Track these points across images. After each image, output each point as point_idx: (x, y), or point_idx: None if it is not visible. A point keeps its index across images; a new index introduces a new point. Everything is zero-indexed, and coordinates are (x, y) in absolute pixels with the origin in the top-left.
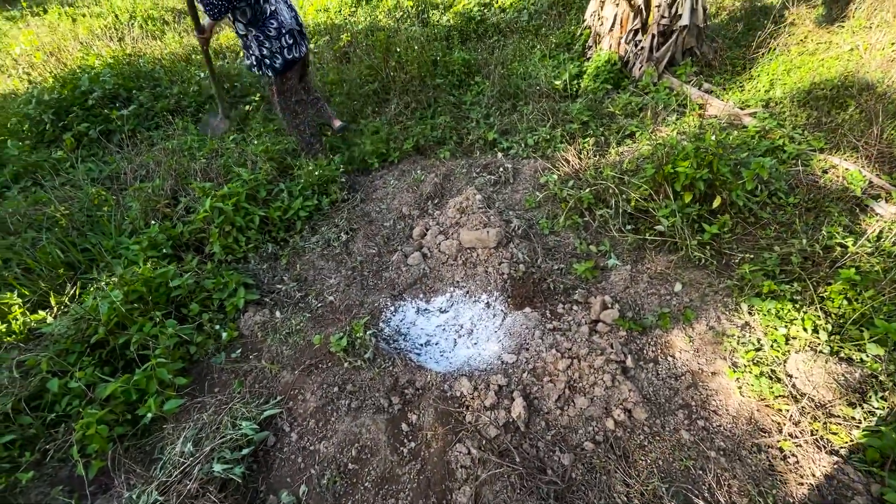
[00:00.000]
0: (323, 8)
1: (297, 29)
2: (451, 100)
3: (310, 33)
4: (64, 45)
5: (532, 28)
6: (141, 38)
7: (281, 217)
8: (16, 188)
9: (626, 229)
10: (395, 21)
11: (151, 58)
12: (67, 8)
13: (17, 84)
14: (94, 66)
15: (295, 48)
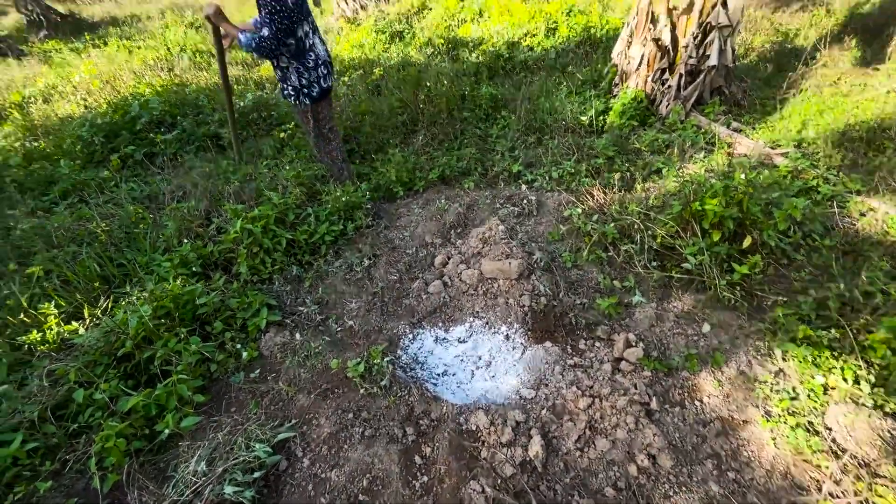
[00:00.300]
0: (358, 44)
1: (328, 61)
2: (477, 132)
3: (345, 67)
4: (119, 74)
5: (559, 66)
6: (189, 69)
7: (307, 240)
8: (64, 204)
9: (652, 266)
10: (426, 57)
11: (197, 87)
12: (125, 41)
13: (74, 109)
14: (144, 93)
15: (329, 78)
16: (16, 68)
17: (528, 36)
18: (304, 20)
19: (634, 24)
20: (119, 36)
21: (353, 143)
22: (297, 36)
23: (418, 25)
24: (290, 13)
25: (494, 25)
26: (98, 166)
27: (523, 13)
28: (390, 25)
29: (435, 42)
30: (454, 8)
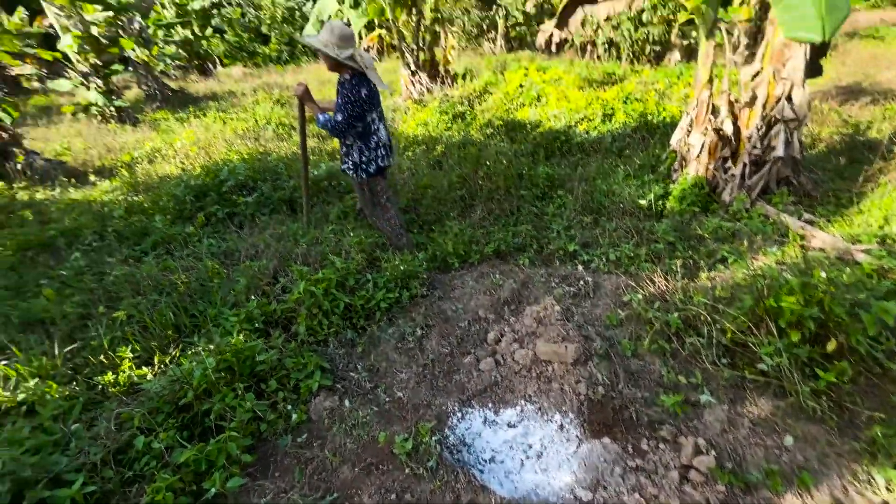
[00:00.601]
0: (423, 122)
1: (388, 144)
2: (533, 210)
3: (409, 143)
4: (213, 141)
5: (615, 149)
6: (272, 139)
7: (363, 305)
8: (153, 255)
9: (722, 363)
10: (486, 137)
11: (277, 156)
12: (221, 113)
13: (172, 170)
14: (233, 160)
15: (386, 158)
16: (130, 133)
17: (585, 120)
18: (374, 109)
19: (694, 114)
20: (217, 109)
21: (413, 213)
22: (366, 122)
23: (479, 108)
24: (361, 104)
25: (552, 110)
26: (186, 222)
27: (580, 100)
28: (453, 107)
29: (494, 123)
30: (513, 93)
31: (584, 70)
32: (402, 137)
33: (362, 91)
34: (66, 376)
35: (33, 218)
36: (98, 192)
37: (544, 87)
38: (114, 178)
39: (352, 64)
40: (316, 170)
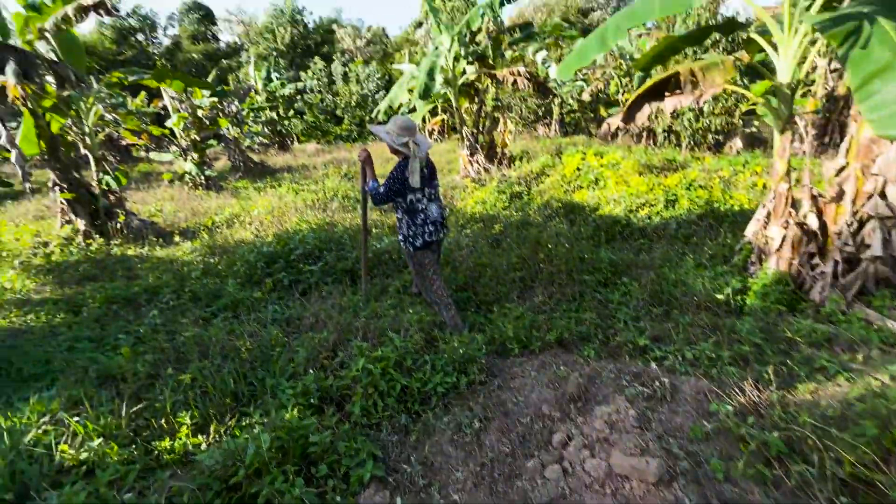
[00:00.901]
0: (481, 201)
1: (440, 221)
2: (597, 297)
3: (467, 220)
4: (286, 210)
5: (681, 236)
6: (338, 210)
7: (419, 388)
8: (221, 317)
9: (841, 502)
10: (544, 218)
11: (343, 227)
12: (294, 184)
13: (247, 235)
14: (302, 229)
15: (434, 234)
16: (214, 199)
17: (647, 206)
18: (418, 190)
19: (772, 206)
20: (290, 180)
21: (471, 291)
22: (408, 199)
23: (536, 189)
24: (403, 182)
25: (611, 193)
26: (254, 286)
27: (641, 185)
28: (511, 187)
29: (553, 205)
30: (571, 175)
31: (643, 156)
32: (460, 214)
33: (405, 172)
34: (127, 437)
35: (122, 273)
36: (181, 251)
37: (602, 170)
38: (195, 240)
39: (403, 150)
40: (378, 243)
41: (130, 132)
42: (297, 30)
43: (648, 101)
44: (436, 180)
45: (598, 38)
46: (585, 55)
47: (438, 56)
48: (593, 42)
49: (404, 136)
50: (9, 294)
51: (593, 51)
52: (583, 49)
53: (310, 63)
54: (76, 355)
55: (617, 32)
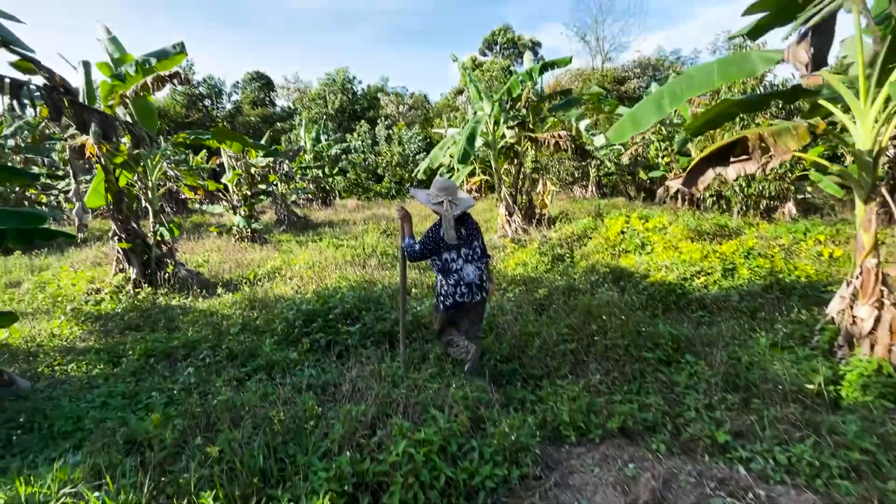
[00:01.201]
0: (522, 262)
1: (475, 283)
2: (660, 377)
3: (508, 282)
4: (326, 265)
5: (746, 310)
6: (377, 268)
7: (465, 481)
8: (256, 378)
9: None
10: (591, 284)
11: (382, 286)
12: (334, 239)
13: (287, 290)
14: (342, 286)
15: (467, 295)
16: (258, 251)
17: (702, 274)
18: (454, 250)
19: (859, 283)
20: (331, 235)
21: (517, 363)
22: (443, 258)
23: (579, 251)
24: (437, 241)
25: (661, 259)
26: (291, 346)
27: (694, 252)
28: (552, 249)
29: (599, 269)
30: (615, 239)
31: (692, 221)
32: (501, 276)
33: (440, 231)
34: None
35: (164, 324)
36: (222, 304)
37: (648, 235)
38: (237, 293)
39: (438, 209)
40: (418, 304)
41: (188, 187)
42: (346, 96)
43: (712, 165)
44: (477, 241)
45: (654, 105)
46: (640, 121)
47: (479, 122)
48: (649, 108)
49: (440, 196)
50: (56, 341)
51: (649, 117)
52: (637, 114)
53: (355, 126)
54: (108, 414)
55: (674, 99)
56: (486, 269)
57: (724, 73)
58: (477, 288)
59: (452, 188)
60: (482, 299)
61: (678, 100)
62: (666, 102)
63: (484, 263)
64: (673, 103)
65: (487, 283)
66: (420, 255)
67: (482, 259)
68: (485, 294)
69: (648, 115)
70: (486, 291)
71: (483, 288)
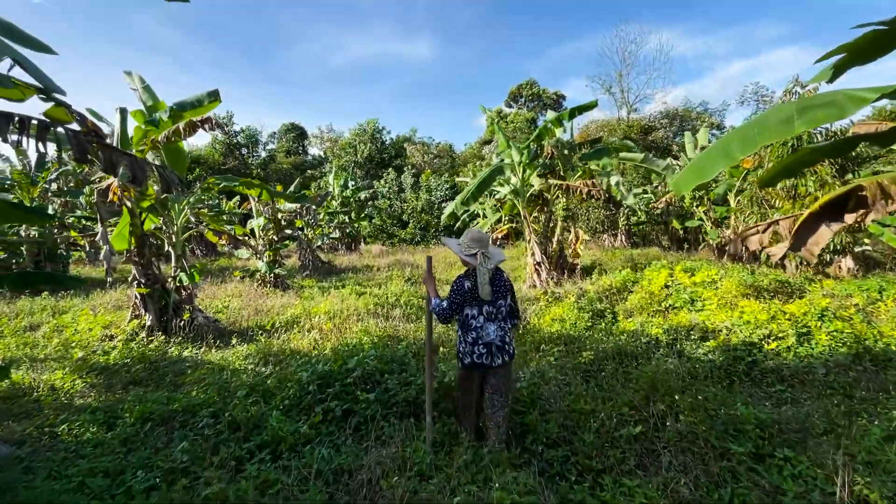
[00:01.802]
0: (559, 318)
1: (496, 344)
2: (754, 479)
3: (544, 340)
4: (347, 314)
5: (836, 386)
6: (400, 319)
7: None
8: (257, 458)
9: None
10: (643, 346)
11: (407, 343)
12: (357, 286)
13: (305, 344)
14: (363, 343)
15: (486, 357)
16: (279, 297)
17: (772, 339)
18: (475, 306)
19: None
20: (354, 282)
21: (567, 447)
22: (464, 313)
23: (621, 307)
24: (462, 294)
25: (718, 319)
26: (302, 414)
27: (758, 311)
28: (591, 303)
29: (649, 329)
30: (659, 293)
31: (746, 275)
32: (535, 332)
33: (465, 283)
34: None
35: (171, 379)
36: (235, 356)
37: (697, 290)
38: (252, 344)
39: (471, 261)
40: (447, 366)
41: (213, 232)
42: (374, 146)
43: (825, 221)
44: (504, 300)
45: (722, 152)
46: (706, 170)
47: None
48: (716, 156)
49: (474, 248)
50: (55, 395)
51: (716, 165)
52: (703, 163)
53: (383, 173)
54: (81, 500)
55: (745, 146)
56: (511, 331)
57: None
58: (498, 350)
59: (485, 240)
60: (503, 363)
61: (750, 146)
62: (735, 149)
63: (511, 325)
64: (745, 150)
65: (511, 345)
66: (450, 312)
67: (509, 320)
68: (506, 358)
69: (716, 163)
70: (510, 355)
71: (505, 350)
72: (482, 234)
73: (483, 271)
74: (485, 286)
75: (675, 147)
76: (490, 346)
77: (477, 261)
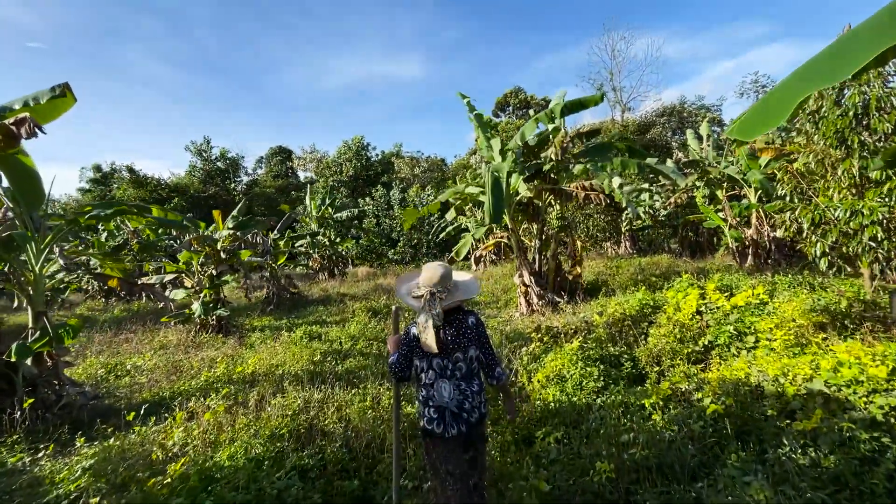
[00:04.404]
0: (557, 374)
1: (451, 410)
2: None
3: (542, 413)
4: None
5: None
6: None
7: None
8: None
9: None
10: (693, 438)
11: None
12: (315, 326)
13: (175, 437)
14: (241, 466)
15: (438, 424)
16: (213, 349)
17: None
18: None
19: None
20: (316, 318)
21: None
22: (415, 365)
23: (643, 349)
24: (410, 344)
25: (802, 373)
26: None
27: (865, 360)
28: (600, 346)
29: (700, 399)
30: (690, 324)
31: (804, 291)
32: (524, 397)
33: (412, 330)
34: None
35: None
36: (70, 470)
37: (743, 316)
38: (109, 441)
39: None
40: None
41: (94, 277)
42: (360, 163)
43: None
44: (463, 353)
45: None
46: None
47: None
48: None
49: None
50: None
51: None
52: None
53: (371, 191)
54: None
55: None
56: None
57: None
58: (452, 418)
59: (440, 276)
60: (462, 434)
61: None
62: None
63: (476, 385)
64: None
65: (477, 410)
66: (398, 366)
67: (476, 379)
68: (465, 428)
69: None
70: (473, 426)
71: (465, 420)
72: (439, 268)
73: (425, 318)
74: (426, 335)
75: (675, 144)
76: (442, 413)
77: (419, 304)
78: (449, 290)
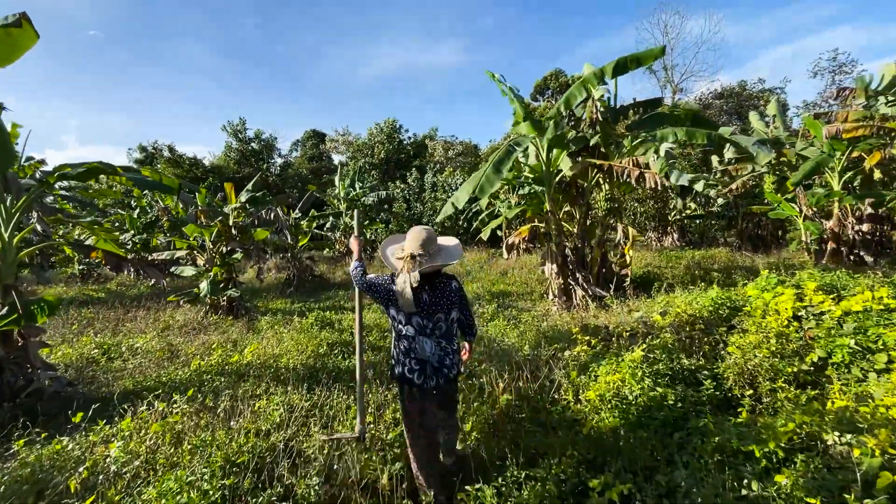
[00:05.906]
0: (615, 392)
1: (433, 364)
2: None
3: (599, 452)
4: (264, 371)
5: None
6: (336, 384)
7: None
8: None
9: None
10: None
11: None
12: (330, 312)
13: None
14: None
15: (419, 376)
16: (218, 332)
17: None
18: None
19: None
20: (332, 304)
21: None
22: (390, 313)
23: (728, 364)
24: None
25: None
26: None
27: None
28: (669, 358)
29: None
30: (789, 333)
31: None
32: (566, 420)
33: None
34: None
35: None
36: (24, 469)
37: (861, 324)
38: (125, 421)
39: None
40: None
41: (72, 246)
42: (391, 145)
43: None
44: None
45: None
46: None
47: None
48: None
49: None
50: None
51: None
52: None
53: (404, 174)
54: None
55: None
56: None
57: None
58: (433, 371)
59: (427, 240)
60: (440, 387)
61: None
62: None
63: (455, 344)
64: None
65: (455, 367)
66: (358, 279)
67: (451, 338)
68: (441, 381)
69: None
70: (451, 381)
71: (444, 375)
72: (423, 231)
73: (404, 278)
74: (405, 295)
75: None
76: (424, 365)
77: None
78: (430, 253)
